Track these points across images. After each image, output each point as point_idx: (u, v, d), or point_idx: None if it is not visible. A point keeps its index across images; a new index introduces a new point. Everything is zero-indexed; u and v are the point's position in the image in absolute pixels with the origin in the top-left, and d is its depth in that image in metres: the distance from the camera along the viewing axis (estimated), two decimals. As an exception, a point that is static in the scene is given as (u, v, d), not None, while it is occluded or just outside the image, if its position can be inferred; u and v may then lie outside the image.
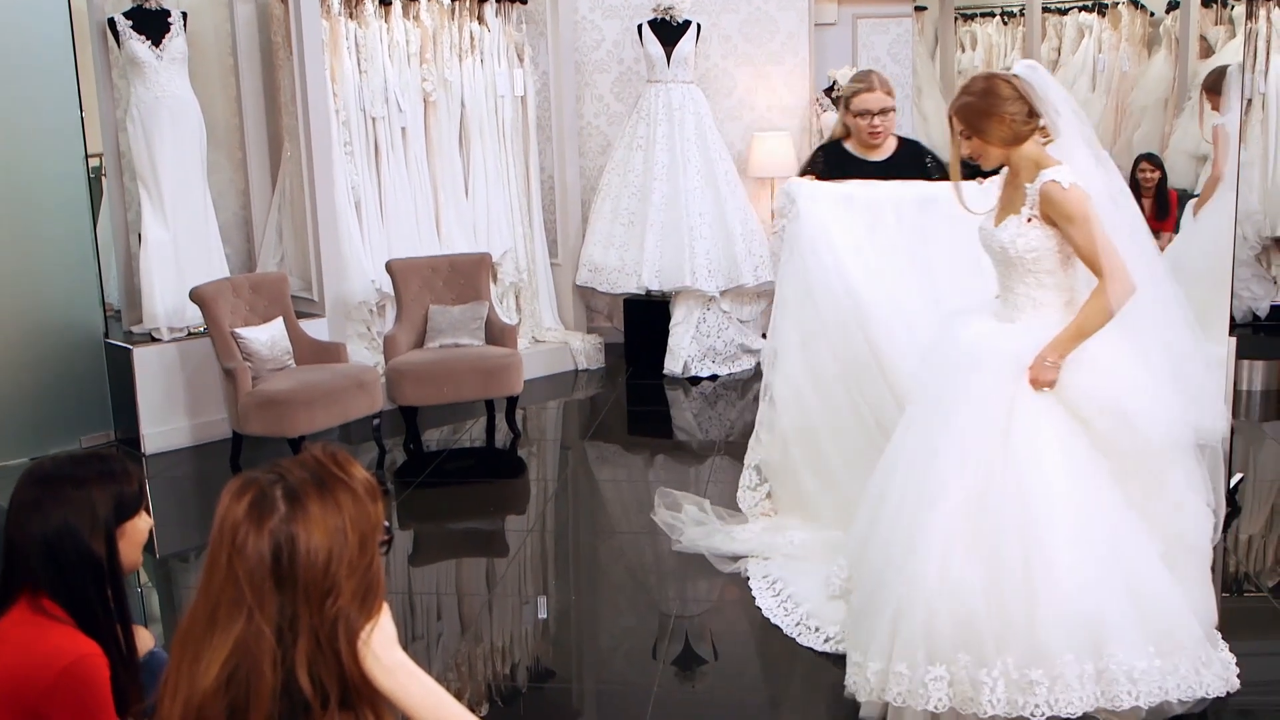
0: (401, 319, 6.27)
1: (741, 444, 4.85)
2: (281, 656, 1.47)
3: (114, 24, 5.96)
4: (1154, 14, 5.97)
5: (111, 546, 2.09)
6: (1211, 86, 5.33)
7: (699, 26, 7.39)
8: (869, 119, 4.31)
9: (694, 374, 7.21)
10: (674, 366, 7.24)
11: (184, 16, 6.08)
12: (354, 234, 6.56)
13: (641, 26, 7.35)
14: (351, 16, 6.55)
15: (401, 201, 6.80)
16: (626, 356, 7.62)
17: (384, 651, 1.55)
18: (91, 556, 2.06)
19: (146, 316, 6.09)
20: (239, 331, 5.59)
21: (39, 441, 5.76)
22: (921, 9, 7.41)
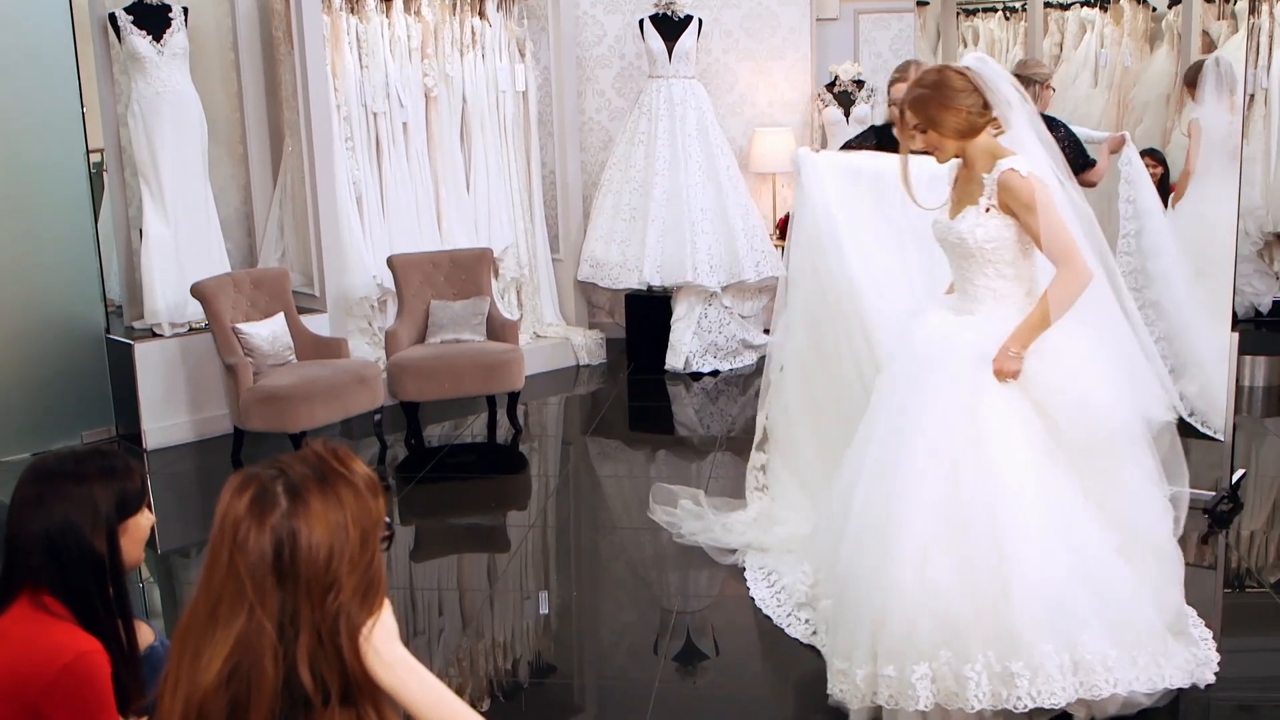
0: (403, 314, 6.27)
1: (743, 439, 4.85)
2: (283, 652, 1.47)
3: (115, 19, 5.95)
4: (1156, 9, 5.96)
5: (113, 543, 2.09)
6: (1190, 80, 5.33)
7: (700, 21, 7.38)
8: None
9: (695, 369, 7.21)
10: (675, 362, 7.24)
11: (185, 11, 6.07)
12: (355, 229, 6.56)
13: (643, 21, 7.34)
14: (353, 11, 6.54)
15: (403, 197, 6.80)
16: (628, 352, 7.61)
17: (385, 647, 1.55)
18: (93, 553, 2.06)
19: (148, 312, 6.08)
20: (240, 327, 5.58)
21: (40, 437, 5.77)
22: (924, 4, 7.40)
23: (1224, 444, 4.71)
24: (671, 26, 7.31)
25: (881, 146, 4.55)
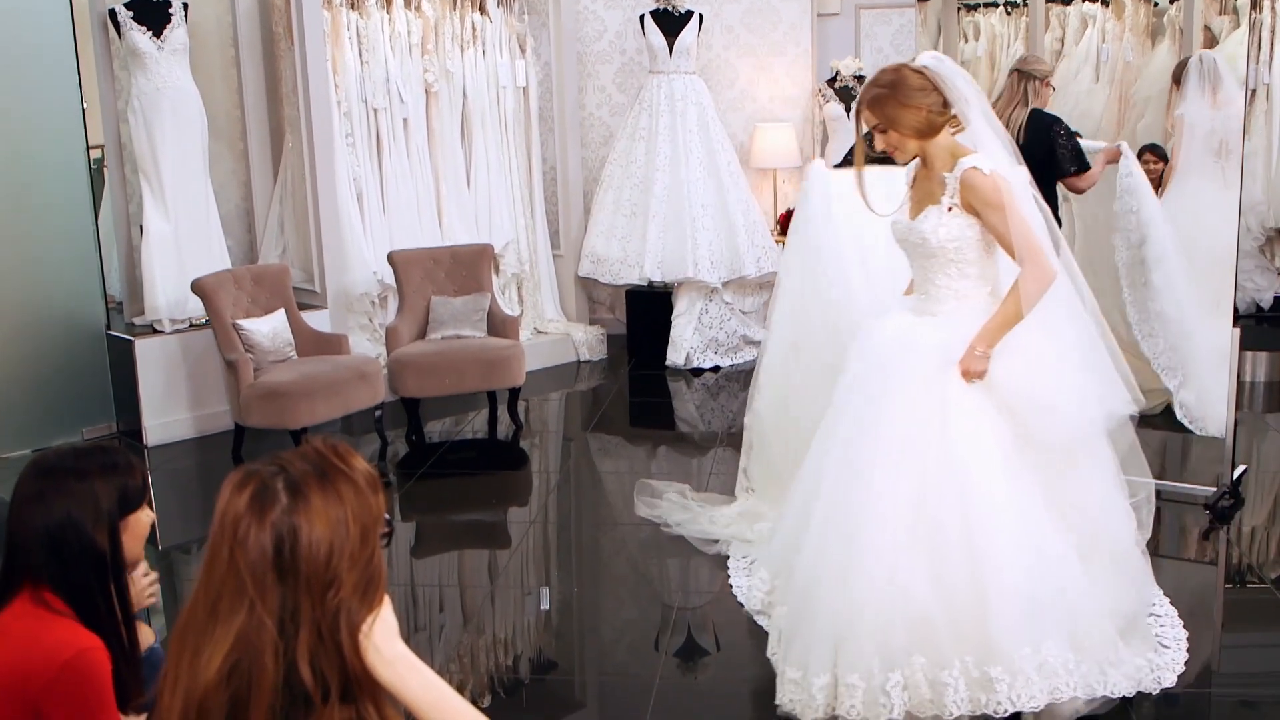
0: (403, 310, 6.27)
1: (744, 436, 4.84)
2: (283, 648, 1.47)
3: (115, 15, 5.95)
4: (1158, 4, 5.95)
5: (115, 539, 2.09)
6: (1177, 77, 5.34)
7: (701, 17, 7.37)
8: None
9: (696, 365, 7.21)
10: (676, 358, 7.23)
11: (185, 7, 6.06)
12: (355, 225, 6.56)
13: (644, 17, 7.34)
14: (353, 7, 6.54)
15: (403, 193, 6.80)
16: (628, 348, 7.61)
17: (385, 643, 1.55)
18: (94, 549, 2.06)
19: (148, 308, 6.08)
20: (240, 323, 5.58)
21: (41, 434, 5.77)
22: (924, -1, 7.39)
23: (1225, 440, 4.70)
24: (672, 22, 7.30)
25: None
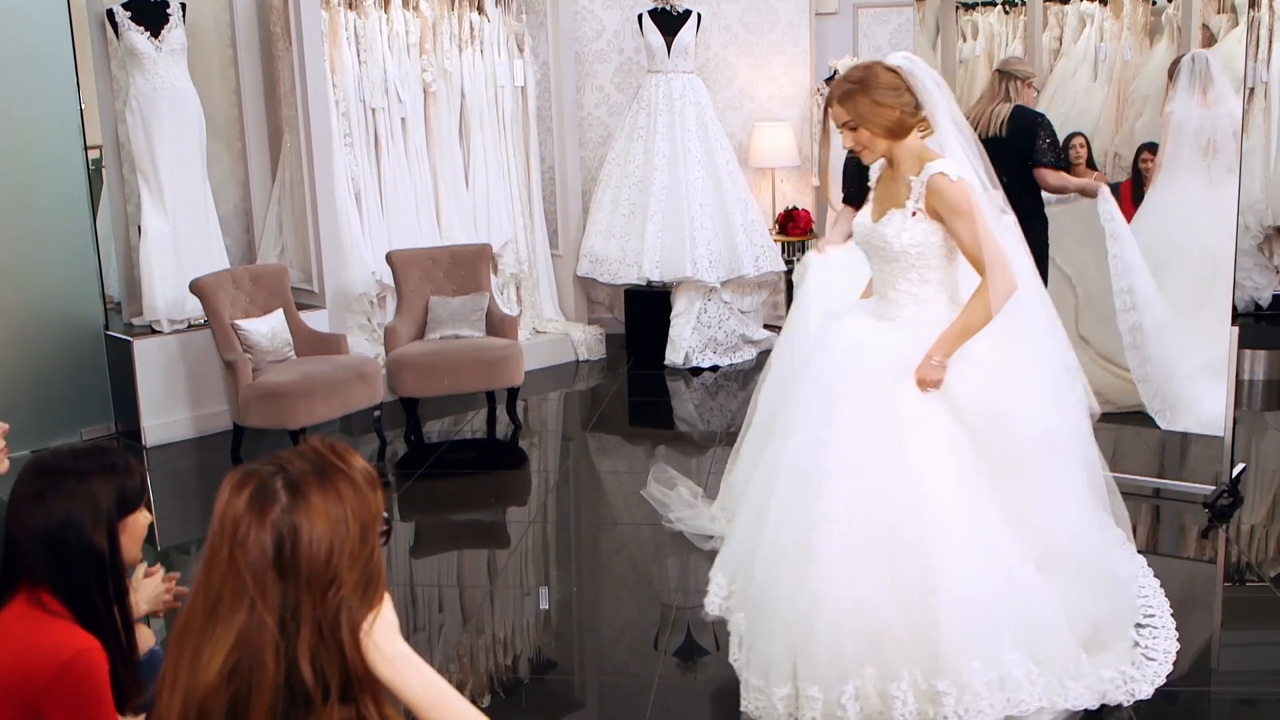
0: (402, 310, 6.27)
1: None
2: (284, 647, 1.47)
3: (113, 15, 5.94)
4: (1156, 2, 5.95)
5: (113, 540, 2.09)
6: (1171, 74, 5.35)
7: (699, 16, 7.37)
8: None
9: (695, 365, 7.20)
10: (675, 357, 7.23)
11: (183, 7, 6.06)
12: (354, 225, 6.56)
13: (642, 16, 7.33)
14: (351, 7, 6.54)
15: (401, 192, 6.79)
16: (627, 347, 7.61)
17: (386, 642, 1.55)
18: (93, 549, 2.05)
19: (146, 309, 6.08)
20: (239, 323, 5.58)
21: (39, 434, 5.75)
22: (923, -2, 7.39)
23: (1224, 438, 4.70)
24: (670, 21, 7.30)
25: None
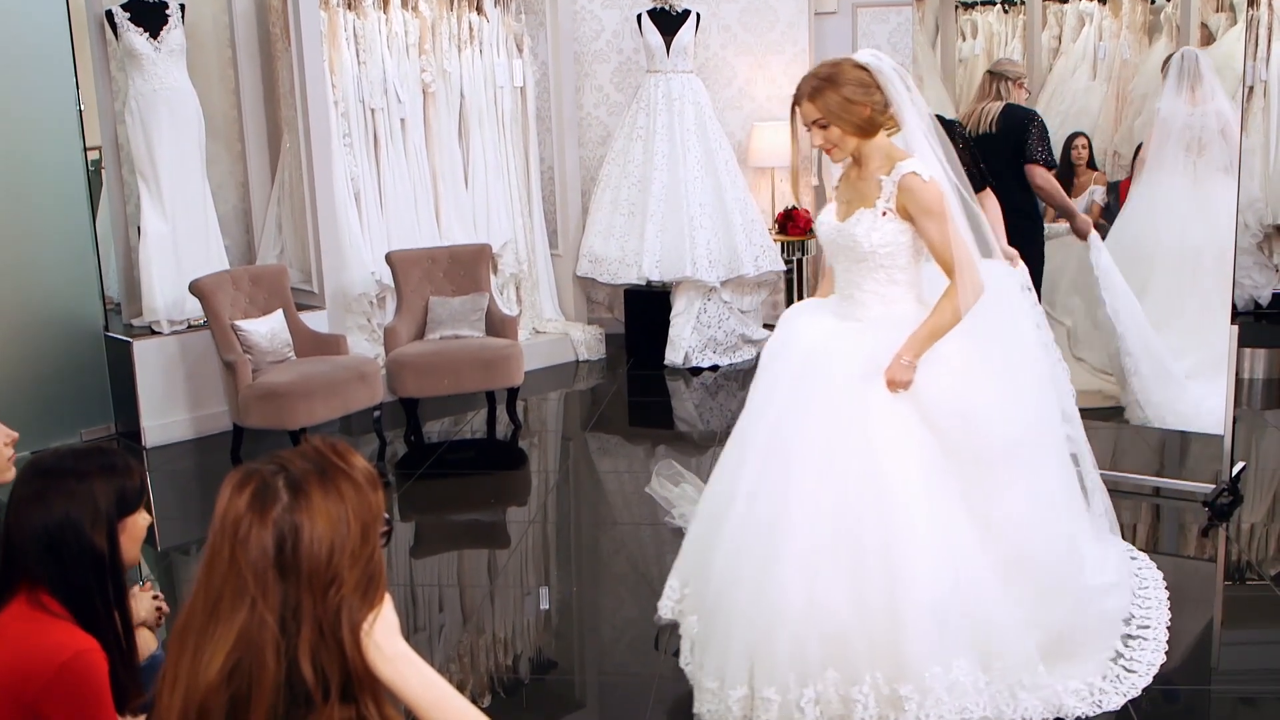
0: (402, 310, 6.27)
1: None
2: (285, 646, 1.47)
3: (112, 16, 5.94)
4: (1155, 1, 5.96)
5: (113, 540, 2.08)
6: (1164, 72, 5.37)
7: (698, 16, 7.37)
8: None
9: (695, 364, 7.20)
10: (675, 357, 7.23)
11: (182, 8, 6.06)
12: (353, 226, 6.55)
13: (641, 16, 7.33)
14: (350, 7, 6.54)
15: (401, 193, 6.79)
16: (627, 347, 7.61)
17: (386, 641, 1.55)
18: (93, 549, 2.05)
19: (146, 309, 6.08)
20: (239, 324, 5.58)
21: (39, 435, 5.75)
22: (921, -3, 7.39)
23: (1224, 437, 4.70)
24: (669, 21, 7.30)
25: None
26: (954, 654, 2.96)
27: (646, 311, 7.51)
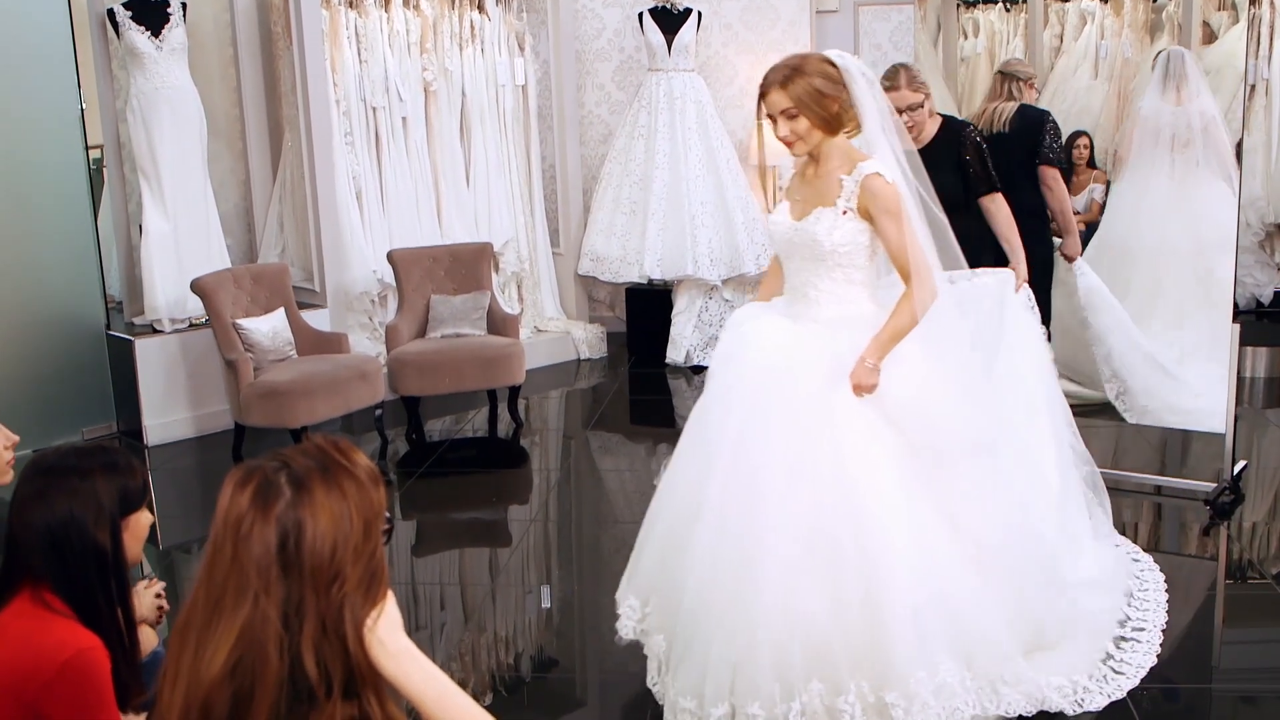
0: (403, 309, 6.27)
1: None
2: (288, 642, 1.47)
3: (113, 15, 5.94)
4: (1156, 0, 5.96)
5: (116, 538, 2.08)
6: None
7: (700, 14, 7.37)
8: (897, 116, 4.37)
9: (696, 363, 7.20)
10: (676, 355, 7.23)
11: (183, 7, 6.06)
12: (355, 224, 6.56)
13: (642, 15, 7.33)
14: (351, 6, 6.54)
15: (402, 191, 6.79)
16: (629, 346, 7.61)
17: (389, 637, 1.55)
18: (96, 547, 2.06)
19: (148, 308, 6.08)
20: (240, 322, 5.58)
21: (41, 433, 5.75)
22: (923, -5, 7.38)
23: (1225, 436, 4.70)
24: (671, 19, 7.30)
25: None
26: (937, 656, 2.94)
27: (648, 310, 7.51)
